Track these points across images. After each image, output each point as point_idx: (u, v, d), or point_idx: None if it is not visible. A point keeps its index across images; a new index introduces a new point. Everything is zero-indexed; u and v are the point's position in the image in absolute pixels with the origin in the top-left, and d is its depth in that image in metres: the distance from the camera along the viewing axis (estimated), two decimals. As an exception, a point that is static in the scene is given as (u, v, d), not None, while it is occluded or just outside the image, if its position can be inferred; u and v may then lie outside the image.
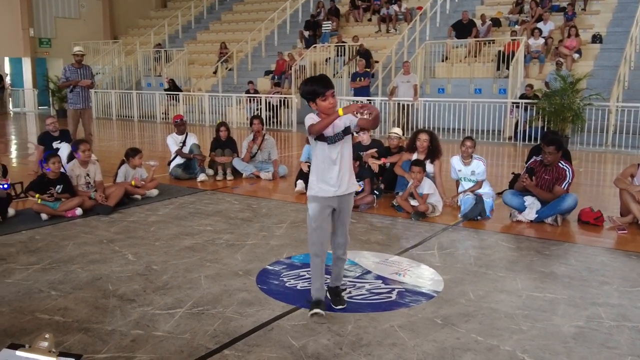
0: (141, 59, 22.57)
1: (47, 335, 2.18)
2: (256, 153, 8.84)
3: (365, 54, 16.70)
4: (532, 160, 6.43)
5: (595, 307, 3.89)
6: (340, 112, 3.41)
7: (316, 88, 3.54)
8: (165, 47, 23.17)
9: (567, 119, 11.75)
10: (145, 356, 3.22)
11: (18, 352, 2.05)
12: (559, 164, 6.11)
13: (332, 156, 3.61)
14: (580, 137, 12.31)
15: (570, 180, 6.07)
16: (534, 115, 12.44)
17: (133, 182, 7.19)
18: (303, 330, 3.54)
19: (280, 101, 16.92)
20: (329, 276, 3.98)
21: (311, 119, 3.61)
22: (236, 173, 8.73)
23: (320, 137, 3.62)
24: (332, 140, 3.59)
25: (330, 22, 20.11)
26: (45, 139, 8.79)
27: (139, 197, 7.17)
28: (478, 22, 17.10)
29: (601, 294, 4.14)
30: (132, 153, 7.35)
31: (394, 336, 3.45)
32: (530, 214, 6.05)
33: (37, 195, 6.28)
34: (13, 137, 15.58)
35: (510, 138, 13.37)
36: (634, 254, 5.12)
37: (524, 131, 12.81)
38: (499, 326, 3.58)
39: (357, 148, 8.60)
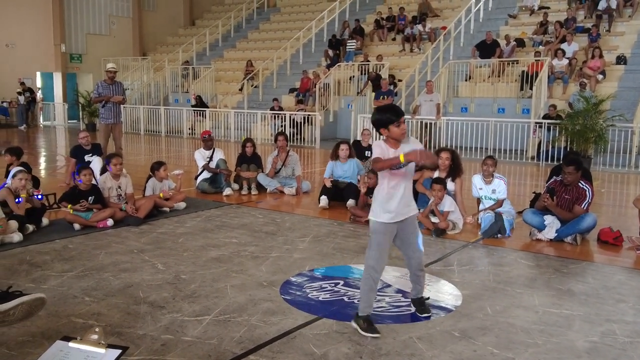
0: (169, 76, 23.10)
1: (97, 329, 2.37)
2: (280, 169, 9.06)
3: (376, 79, 16.90)
4: (552, 180, 6.53)
5: (610, 324, 3.97)
6: (402, 158, 3.60)
7: (390, 116, 3.76)
8: (193, 64, 23.69)
9: (589, 140, 11.77)
10: (174, 359, 3.39)
11: (71, 344, 2.25)
12: (579, 184, 6.20)
13: (394, 182, 3.80)
14: (603, 157, 12.31)
15: (590, 200, 6.15)
16: (557, 135, 12.47)
17: (161, 195, 7.44)
18: (325, 339, 3.68)
19: (304, 118, 17.19)
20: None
21: (379, 147, 3.82)
22: (261, 188, 8.94)
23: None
24: (398, 166, 3.76)
25: (354, 40, 20.41)
26: (78, 152, 9.12)
27: (167, 209, 7.41)
28: (502, 42, 17.22)
29: (616, 311, 4.23)
30: (157, 166, 7.62)
31: (413, 347, 3.58)
32: (550, 232, 6.13)
33: (69, 206, 6.55)
34: (43, 149, 16.05)
35: (533, 158, 13.41)
36: (652, 273, 5.18)
37: (547, 151, 12.85)
38: (515, 340, 3.69)
39: (356, 147, 8.84)
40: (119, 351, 2.29)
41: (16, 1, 23.36)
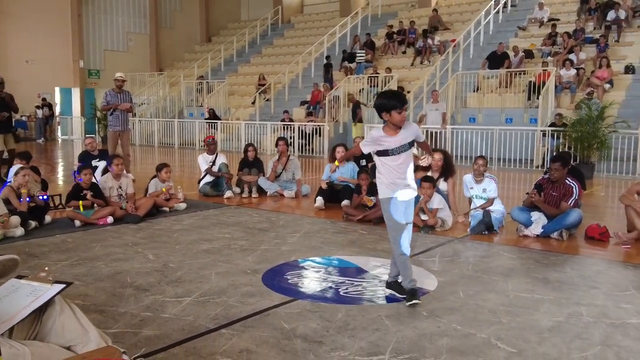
0: (184, 90, 23.57)
1: (46, 268, 2.60)
2: (281, 173, 9.26)
3: (357, 105, 17.09)
4: (540, 177, 6.63)
5: (578, 306, 4.07)
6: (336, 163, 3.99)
7: (395, 102, 4.02)
8: (208, 79, 24.13)
9: (592, 146, 11.79)
10: (150, 332, 3.58)
11: (22, 280, 2.49)
12: (566, 181, 6.29)
13: (395, 163, 4.07)
14: (607, 164, 12.31)
15: (576, 197, 6.23)
16: (561, 143, 12.52)
17: (164, 189, 7.67)
18: (296, 317, 3.84)
19: (313, 129, 17.42)
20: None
21: (370, 135, 4.14)
22: (262, 191, 9.14)
23: (382, 153, 4.08)
24: (397, 151, 4.05)
25: (363, 51, 20.69)
26: (85, 158, 9.42)
27: (167, 209, 7.63)
28: (511, 54, 17.34)
29: (587, 296, 4.32)
30: (160, 167, 7.87)
31: (380, 323, 3.73)
32: (536, 228, 6.23)
33: (80, 203, 6.80)
34: (60, 160, 16.47)
35: (539, 167, 13.42)
36: (631, 264, 5.26)
37: (552, 159, 12.88)
38: (480, 319, 3.81)
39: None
40: (62, 285, 2.53)
41: (36, 19, 24.12)
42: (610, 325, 3.74)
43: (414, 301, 4.01)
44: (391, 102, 4.02)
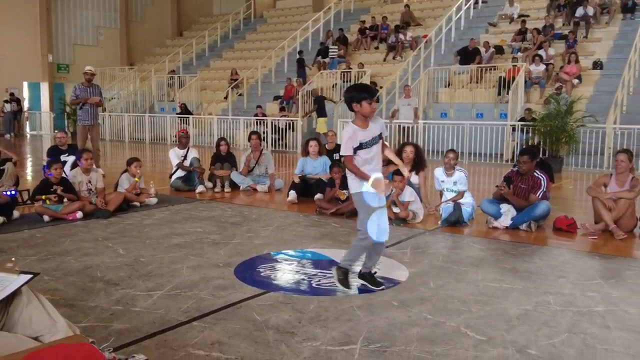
0: (155, 85, 23.32)
1: (13, 259, 2.56)
2: (254, 167, 9.23)
3: (319, 99, 17.14)
4: (509, 170, 6.74)
5: (546, 295, 4.16)
6: (370, 182, 4.04)
7: (365, 94, 4.10)
8: (179, 73, 23.91)
9: (560, 140, 12.01)
10: (120, 325, 3.54)
11: None
12: (534, 173, 6.41)
13: (368, 156, 4.12)
14: (575, 158, 12.56)
15: (544, 189, 6.35)
16: (530, 137, 12.73)
17: (137, 179, 7.59)
18: (268, 309, 3.85)
19: (286, 124, 17.40)
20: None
21: (347, 133, 4.13)
22: (234, 186, 9.11)
23: (358, 147, 4.11)
24: (370, 144, 4.12)
25: (336, 47, 20.71)
26: (54, 152, 9.26)
27: (137, 204, 7.56)
28: (482, 49, 17.54)
29: (555, 285, 4.41)
30: (131, 161, 7.78)
31: (351, 314, 3.75)
32: (505, 220, 6.33)
33: (43, 197, 6.69)
34: (29, 155, 16.16)
35: (509, 160, 13.60)
36: (597, 254, 5.38)
37: (522, 153, 13.09)
38: (450, 308, 3.86)
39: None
40: (29, 276, 2.52)
41: (3, 12, 23.59)
42: (577, 313, 3.82)
43: (342, 286, 4.18)
44: (362, 94, 4.09)
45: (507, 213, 6.36)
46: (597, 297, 4.15)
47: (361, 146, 4.10)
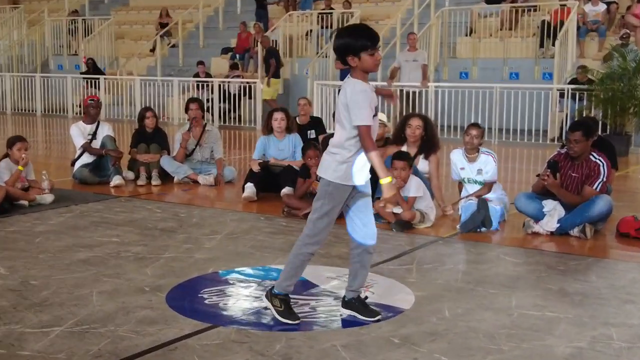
0: (50, 32, 23.13)
1: None
2: (194, 149, 9.22)
3: (272, 52, 17.24)
4: (555, 152, 6.82)
5: (607, 328, 4.23)
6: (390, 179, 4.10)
7: (364, 41, 4.00)
8: (85, 15, 23.72)
9: (627, 111, 12.18)
10: (2, 378, 3.53)
11: None
12: (591, 157, 6.49)
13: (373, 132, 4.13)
14: (647, 135, 12.79)
15: (604, 179, 6.44)
16: (585, 105, 12.89)
17: (21, 167, 7.51)
18: (216, 350, 3.86)
19: (241, 89, 17.39)
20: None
21: (364, 93, 4.03)
22: (166, 177, 9.09)
23: None
24: (376, 112, 4.12)
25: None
26: None
27: (25, 203, 7.51)
28: (517, -18, 17.71)
29: (619, 313, 4.49)
30: (11, 142, 7.67)
31: (334, 356, 3.78)
32: (550, 223, 6.41)
33: None
34: None
35: (556, 139, 13.76)
36: (678, 270, 5.49)
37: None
38: (472, 346, 3.91)
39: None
40: None
41: None
42: (649, 351, 3.90)
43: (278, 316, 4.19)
44: (360, 41, 4.02)
45: (553, 213, 6.43)
46: (679, 329, 4.24)
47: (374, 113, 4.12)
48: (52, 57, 22.74)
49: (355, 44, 4.02)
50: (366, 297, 4.43)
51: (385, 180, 4.02)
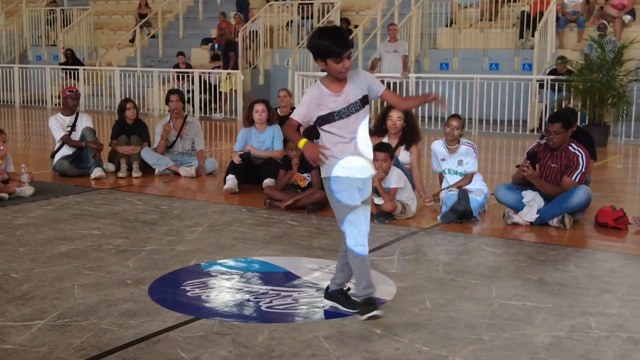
0: (28, 23, 22.98)
1: None
2: (175, 141, 9.22)
3: (231, 45, 17.37)
4: (535, 143, 6.88)
5: (585, 317, 4.28)
6: (301, 144, 3.99)
7: (330, 46, 3.96)
8: (63, 5, 23.57)
9: (606, 101, 12.28)
10: (-17, 371, 3.53)
11: None
12: (570, 148, 6.55)
13: (346, 131, 4.07)
14: (627, 126, 12.89)
15: (583, 170, 6.50)
16: (564, 96, 12.98)
17: None
18: (199, 342, 3.87)
19: (221, 79, 17.36)
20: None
21: (309, 93, 4.10)
22: (147, 169, 9.09)
23: (324, 120, 4.06)
24: (345, 113, 4.04)
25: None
26: None
27: (5, 196, 7.48)
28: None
29: (598, 302, 4.55)
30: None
31: (316, 347, 3.81)
32: (529, 213, 6.47)
33: None
34: None
35: (535, 130, 13.87)
36: (656, 259, 5.57)
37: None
38: (453, 336, 3.95)
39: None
40: None
41: None
42: (628, 340, 3.95)
43: (372, 313, 4.04)
44: (326, 47, 3.99)
45: (532, 204, 6.49)
46: (656, 318, 4.31)
47: (331, 118, 4.07)
48: (31, 48, 22.62)
49: (322, 49, 4.00)
50: (348, 289, 4.46)
51: (300, 144, 3.99)
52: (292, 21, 19.09)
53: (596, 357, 3.72)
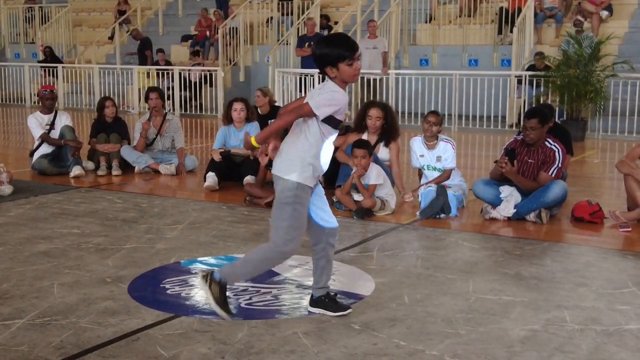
0: (6, 20, 22.86)
1: None
2: (154, 139, 9.21)
3: (146, 43, 17.25)
4: (512, 139, 6.94)
5: (560, 310, 4.35)
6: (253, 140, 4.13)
7: (342, 49, 3.98)
8: (42, 2, 23.44)
9: (583, 96, 12.38)
10: (-38, 371, 3.54)
11: None
12: (546, 143, 6.62)
13: (332, 139, 4.14)
14: (604, 121, 13.01)
15: (559, 165, 6.58)
16: (542, 92, 13.08)
17: None
18: (179, 340, 3.90)
19: (202, 77, 17.35)
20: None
21: (335, 99, 3.98)
22: (127, 167, 9.08)
23: (334, 122, 4.05)
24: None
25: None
26: None
27: (-17, 195, 7.47)
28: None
29: (572, 296, 4.62)
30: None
31: (295, 343, 3.85)
32: (507, 208, 6.54)
33: None
34: None
35: (514, 125, 13.95)
36: (630, 253, 5.65)
37: (532, 115, 13.45)
38: (430, 331, 4.01)
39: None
40: None
41: None
42: (603, 333, 4.02)
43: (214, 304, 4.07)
44: (337, 52, 3.99)
45: (510, 199, 6.55)
46: (630, 311, 4.36)
47: (337, 126, 4.11)
48: (9, 46, 22.49)
49: (334, 55, 3.99)
50: (335, 294, 4.43)
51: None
52: (272, 18, 19.10)
53: (571, 349, 3.79)
